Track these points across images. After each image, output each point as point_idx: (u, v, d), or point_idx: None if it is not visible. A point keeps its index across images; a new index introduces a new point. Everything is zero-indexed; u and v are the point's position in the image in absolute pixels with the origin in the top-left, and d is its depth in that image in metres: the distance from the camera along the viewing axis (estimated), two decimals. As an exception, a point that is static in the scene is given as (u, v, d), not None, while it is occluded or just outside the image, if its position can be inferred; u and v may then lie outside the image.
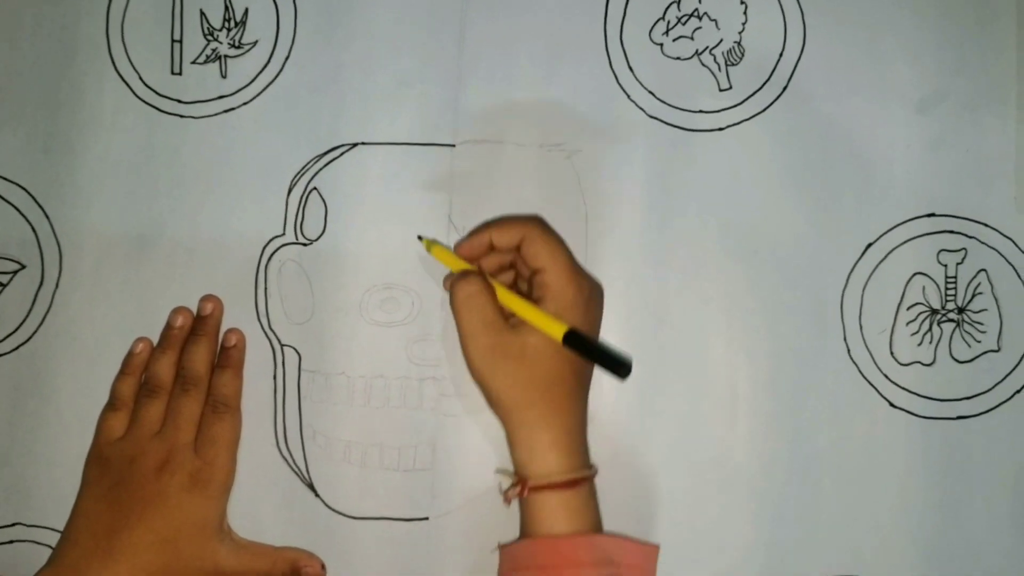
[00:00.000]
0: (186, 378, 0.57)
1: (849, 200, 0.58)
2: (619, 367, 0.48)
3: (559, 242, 0.53)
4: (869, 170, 0.58)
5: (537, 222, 0.54)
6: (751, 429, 0.57)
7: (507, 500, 0.53)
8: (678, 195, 0.58)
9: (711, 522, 0.57)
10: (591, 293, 0.53)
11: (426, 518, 0.57)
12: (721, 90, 0.58)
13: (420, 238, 0.57)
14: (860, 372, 0.57)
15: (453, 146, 0.58)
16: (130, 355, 0.58)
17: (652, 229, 0.58)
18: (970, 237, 0.57)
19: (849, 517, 0.57)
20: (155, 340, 0.58)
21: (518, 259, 0.54)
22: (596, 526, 0.52)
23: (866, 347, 0.57)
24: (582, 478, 0.51)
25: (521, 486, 0.51)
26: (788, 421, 0.57)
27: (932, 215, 0.57)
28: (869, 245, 0.58)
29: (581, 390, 0.53)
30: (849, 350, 0.57)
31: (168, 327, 0.58)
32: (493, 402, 0.53)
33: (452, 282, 0.53)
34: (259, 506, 0.58)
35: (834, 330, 0.57)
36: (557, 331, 0.50)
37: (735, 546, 0.57)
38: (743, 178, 0.58)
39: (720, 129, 0.58)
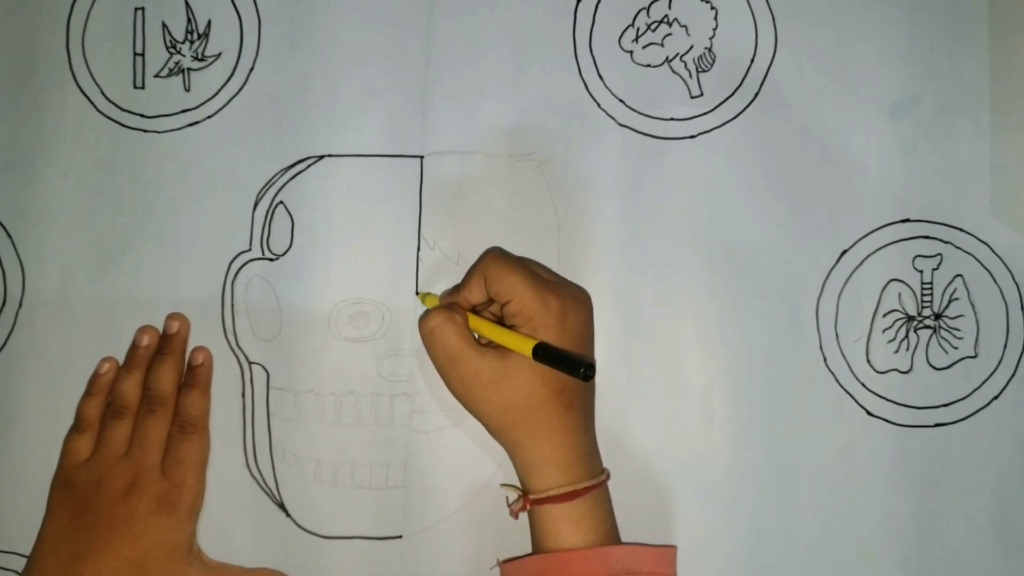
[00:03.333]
0: (152, 398, 0.56)
1: (823, 206, 0.57)
2: (580, 370, 0.48)
3: (517, 268, 0.52)
4: (843, 176, 0.57)
5: (492, 259, 0.53)
6: (727, 439, 0.56)
7: (513, 514, 0.53)
8: (650, 204, 0.57)
9: (686, 533, 0.56)
10: (563, 310, 0.51)
11: (399, 536, 0.56)
12: (692, 97, 0.58)
13: (417, 294, 0.57)
14: (837, 380, 0.57)
15: (421, 157, 0.58)
16: (95, 375, 0.57)
17: (625, 238, 0.57)
18: (945, 242, 0.57)
19: (828, 528, 0.56)
20: (121, 360, 0.57)
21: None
22: (608, 535, 0.51)
23: (842, 355, 0.57)
24: (583, 489, 0.51)
25: (524, 500, 0.51)
26: (764, 431, 0.56)
27: (907, 220, 0.57)
28: (844, 252, 0.57)
29: (572, 403, 0.52)
30: (825, 358, 0.57)
31: (134, 346, 0.57)
32: (483, 425, 0.53)
33: (418, 321, 0.53)
34: (229, 527, 0.57)
35: (810, 338, 0.57)
36: (526, 347, 0.49)
37: (711, 558, 0.56)
38: (716, 186, 0.57)
39: (692, 137, 0.58)
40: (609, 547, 0.51)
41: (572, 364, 0.48)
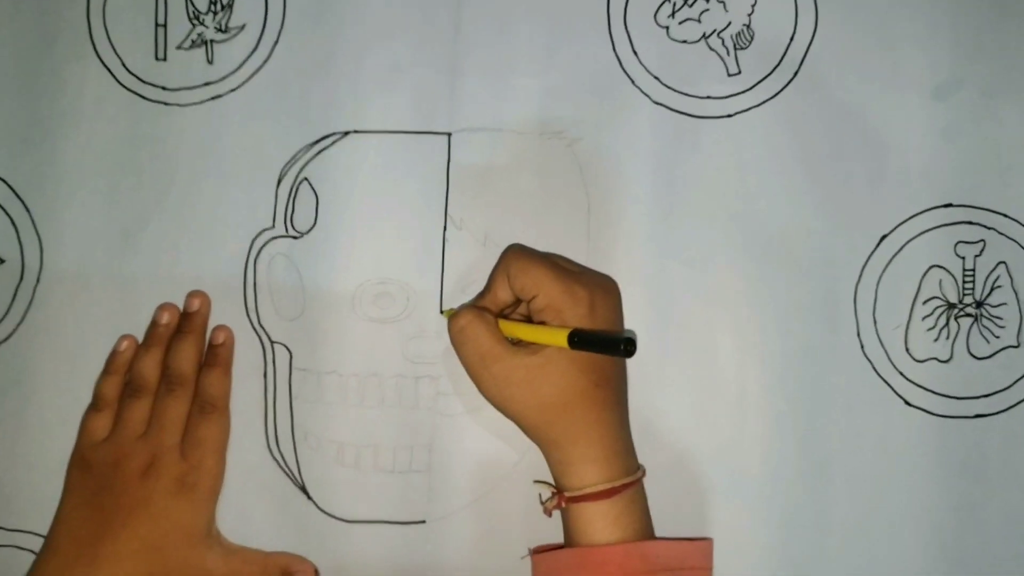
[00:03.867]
0: (172, 377, 0.54)
1: (863, 190, 0.55)
2: (620, 346, 0.46)
3: (540, 261, 0.50)
4: (883, 159, 0.55)
5: (513, 255, 0.51)
6: (760, 430, 0.55)
7: (547, 512, 0.52)
8: (685, 185, 0.56)
9: (718, 526, 0.55)
10: (592, 298, 0.50)
11: (423, 521, 0.55)
12: (730, 75, 0.56)
13: (442, 312, 0.55)
14: (874, 369, 0.55)
15: (449, 134, 0.56)
16: (114, 353, 0.56)
17: (657, 221, 0.56)
18: (988, 228, 0.55)
19: (862, 520, 0.54)
20: (140, 338, 0.56)
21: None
22: (645, 532, 0.50)
23: (880, 343, 0.55)
24: (620, 486, 0.49)
25: (558, 498, 0.50)
26: (799, 421, 0.55)
27: (949, 205, 0.55)
28: (884, 237, 0.55)
29: (608, 398, 0.50)
30: (863, 346, 0.55)
31: (153, 324, 0.56)
32: (517, 424, 0.51)
33: (447, 321, 0.52)
34: (249, 510, 0.55)
35: (847, 325, 0.55)
36: (560, 338, 0.48)
37: (743, 551, 0.55)
38: (752, 167, 0.56)
39: (728, 116, 0.56)
40: (648, 542, 0.50)
41: (611, 343, 0.46)
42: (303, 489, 0.56)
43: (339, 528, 0.55)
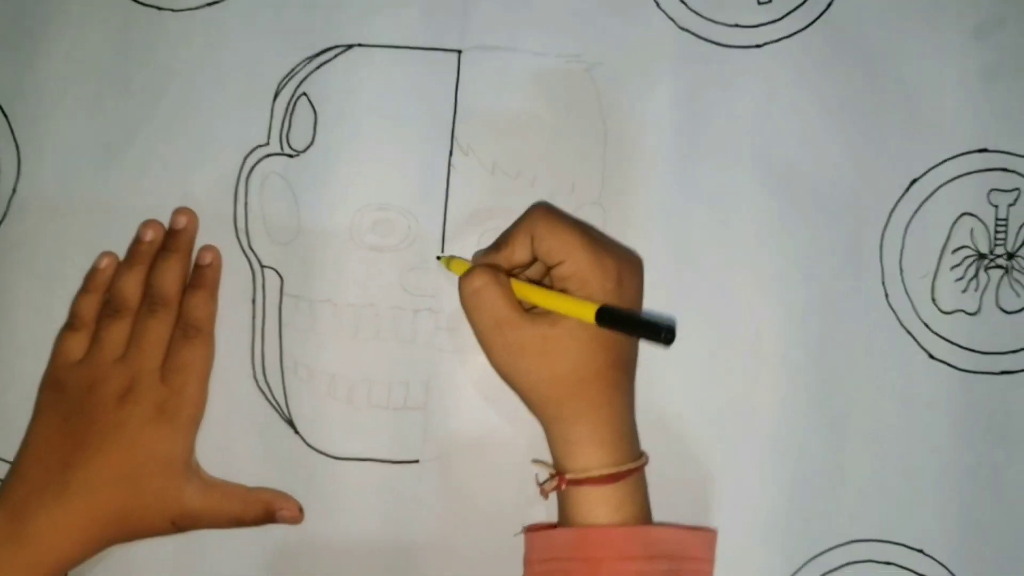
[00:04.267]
0: (154, 298, 0.51)
1: (894, 132, 0.53)
2: (660, 333, 0.43)
3: (570, 226, 0.47)
4: (917, 100, 0.53)
5: (541, 214, 0.48)
6: (775, 381, 0.52)
7: (544, 494, 0.48)
8: (708, 118, 0.53)
9: (728, 478, 0.52)
10: (620, 272, 0.47)
11: (416, 461, 0.52)
12: (760, 3, 0.53)
13: (439, 258, 0.52)
14: (898, 319, 0.52)
15: (459, 52, 0.53)
16: (93, 271, 0.53)
17: (678, 155, 0.52)
18: (1024, 176, 0.52)
19: (878, 477, 0.52)
20: (122, 256, 0.53)
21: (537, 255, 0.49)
22: (644, 519, 0.47)
23: (906, 292, 0.52)
24: (625, 471, 0.46)
25: (558, 480, 0.47)
26: (816, 372, 0.52)
27: (984, 151, 0.52)
28: (914, 181, 0.52)
29: (621, 379, 0.48)
30: (887, 295, 0.52)
31: (136, 241, 0.53)
32: (522, 399, 0.48)
33: (459, 280, 0.48)
34: (232, 442, 0.52)
35: (872, 273, 0.52)
36: (587, 312, 0.45)
37: (755, 507, 0.52)
38: (779, 103, 0.53)
39: (757, 46, 0.53)
40: (650, 527, 0.47)
41: (649, 327, 0.43)
42: (290, 422, 0.52)
43: (327, 465, 0.52)
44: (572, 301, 0.46)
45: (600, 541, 0.46)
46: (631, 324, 0.45)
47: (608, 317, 0.44)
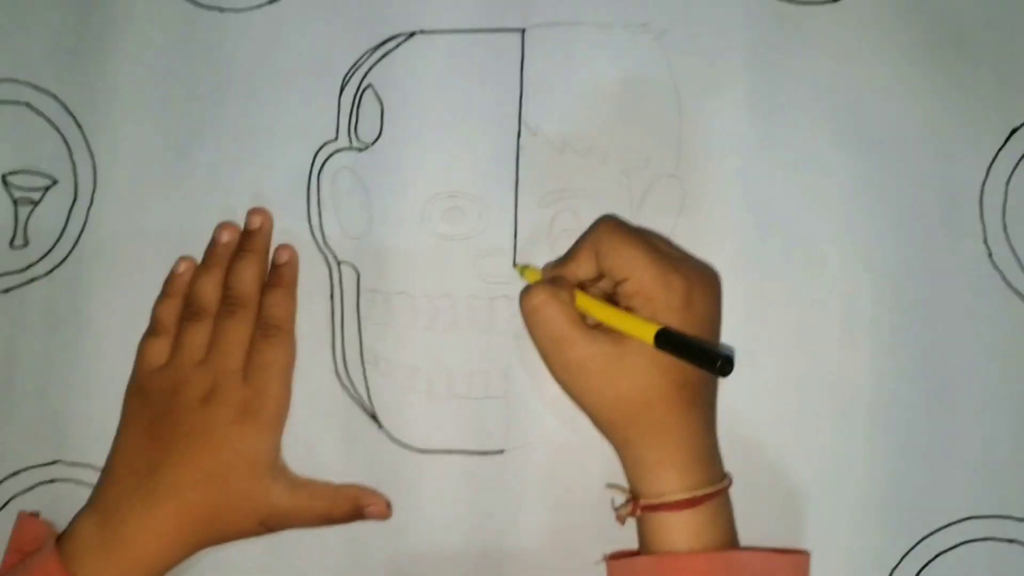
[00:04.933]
0: (233, 299, 0.51)
1: (988, 78, 0.49)
2: (716, 364, 0.41)
3: (636, 241, 0.45)
4: (1012, 44, 0.49)
5: (606, 229, 0.46)
6: (874, 349, 0.49)
7: (620, 520, 0.47)
8: (786, 79, 0.50)
9: (827, 458, 0.49)
10: (689, 290, 0.45)
11: (502, 451, 0.51)
12: (836, -45, 0.51)
13: (515, 266, 0.51)
14: (1004, 279, 0.49)
15: (523, 31, 0.51)
16: (172, 275, 0.53)
17: (757, 119, 0.50)
18: None
19: (990, 453, 0.49)
20: (199, 259, 0.53)
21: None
22: (726, 543, 0.45)
23: (1012, 250, 0.49)
24: (703, 496, 0.44)
25: (633, 505, 0.45)
26: (918, 339, 0.49)
27: (1091, 91, 0.49)
28: (1014, 131, 0.49)
29: (693, 399, 0.45)
30: (991, 254, 0.49)
31: (213, 244, 0.53)
32: (591, 420, 0.47)
33: (520, 296, 0.47)
34: (317, 439, 0.52)
35: (972, 231, 0.49)
36: (647, 333, 0.43)
37: (856, 486, 0.49)
38: (862, 56, 0.50)
39: (834, 1, 0.50)
40: (734, 552, 0.45)
41: (704, 356, 0.41)
42: (374, 417, 0.52)
43: (412, 458, 0.51)
44: (633, 320, 0.44)
45: (680, 568, 0.44)
46: (687, 350, 0.42)
47: (666, 341, 0.42)
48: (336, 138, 0.53)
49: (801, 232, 0.50)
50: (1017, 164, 0.49)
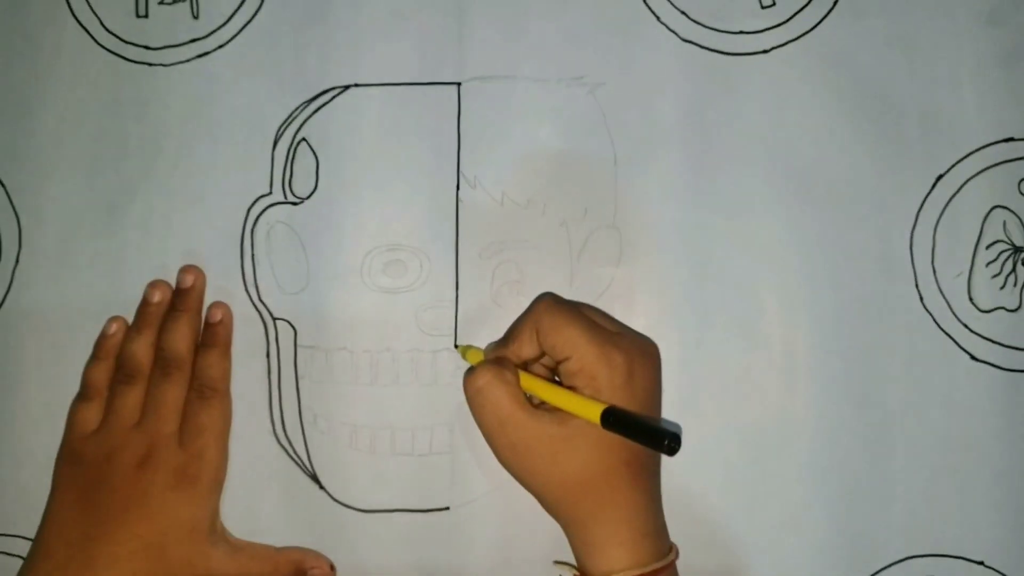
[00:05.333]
0: (167, 360, 0.50)
1: (913, 127, 0.51)
2: (664, 442, 0.40)
3: (575, 319, 0.45)
4: (935, 92, 0.51)
5: (544, 308, 0.46)
6: (812, 393, 0.50)
7: None
8: (720, 130, 0.51)
9: (770, 500, 0.50)
10: (630, 366, 0.45)
11: (447, 508, 0.50)
12: (763, 7, 0.51)
13: (456, 347, 0.50)
14: (935, 322, 0.50)
15: (459, 84, 0.51)
16: (103, 337, 0.51)
17: (691, 170, 0.51)
18: (1055, 163, 0.50)
19: (930, 490, 0.50)
20: (130, 319, 0.52)
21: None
22: None
23: (941, 293, 0.50)
24: (650, 572, 0.44)
25: None
26: (854, 382, 0.50)
27: (1010, 140, 0.50)
28: (939, 177, 0.50)
29: (639, 475, 0.45)
30: (922, 297, 0.50)
31: (144, 304, 0.51)
32: (536, 499, 0.46)
33: (463, 378, 0.46)
34: (256, 502, 0.51)
35: (904, 275, 0.50)
36: (593, 413, 0.43)
37: (798, 526, 0.50)
38: (793, 107, 0.51)
39: (764, 52, 0.51)
40: None
41: (652, 435, 0.41)
42: (314, 477, 0.51)
43: (355, 519, 0.50)
44: (578, 400, 0.44)
45: None
46: (634, 429, 0.42)
47: (613, 420, 0.42)
48: (270, 192, 0.52)
49: (738, 279, 0.51)
50: (943, 210, 0.50)
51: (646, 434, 0.41)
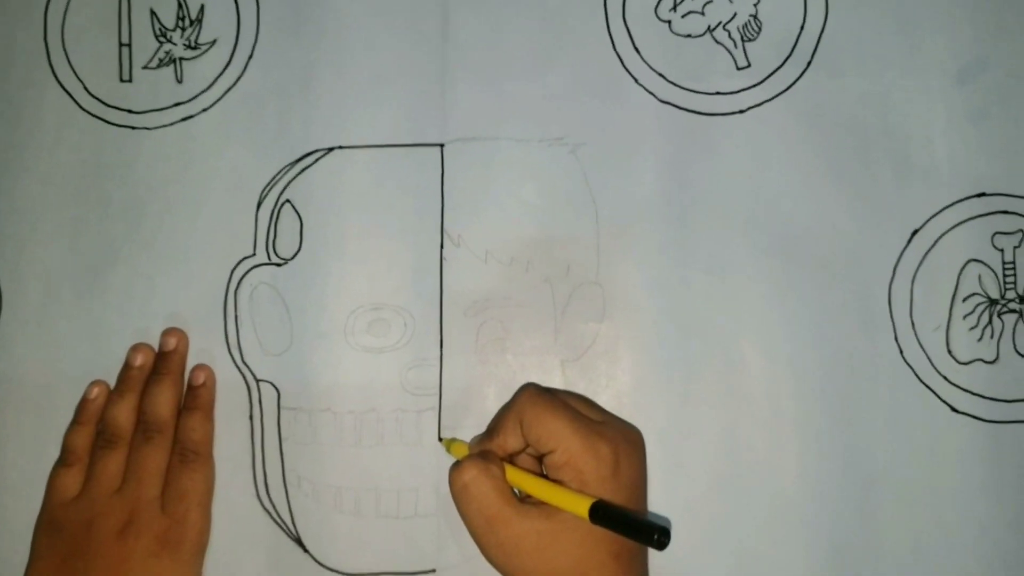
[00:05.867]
0: (148, 424, 0.49)
1: (888, 184, 0.52)
2: (654, 537, 0.40)
3: (558, 410, 0.45)
4: (908, 149, 0.52)
5: (527, 399, 0.46)
6: (798, 448, 0.50)
7: None
8: (698, 188, 0.52)
9: (759, 559, 0.50)
10: (616, 456, 0.44)
11: (433, 571, 0.50)
12: (739, 69, 0.52)
13: (440, 440, 0.50)
14: (916, 375, 0.51)
15: (442, 146, 0.52)
16: (84, 402, 0.51)
17: (672, 227, 0.51)
18: (1026, 217, 0.51)
19: (917, 543, 0.50)
20: (112, 384, 0.51)
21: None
22: None
23: (920, 346, 0.51)
24: None
25: None
26: (839, 437, 0.50)
27: (983, 195, 0.51)
28: (915, 232, 0.51)
29: (632, 565, 0.45)
30: (902, 351, 0.51)
31: (126, 367, 0.51)
32: None
33: (449, 473, 0.46)
34: (240, 567, 0.50)
35: (883, 330, 0.51)
36: (581, 508, 0.42)
37: (787, 583, 0.50)
38: (769, 165, 0.52)
39: (740, 112, 0.52)
40: None
41: (641, 529, 0.41)
42: (298, 541, 0.50)
43: (340, 583, 0.50)
44: (566, 494, 0.43)
45: None
46: (624, 524, 0.42)
47: (602, 515, 0.42)
48: (254, 253, 0.52)
49: (721, 335, 0.51)
50: (920, 263, 0.51)
51: (636, 529, 0.41)
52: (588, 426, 0.45)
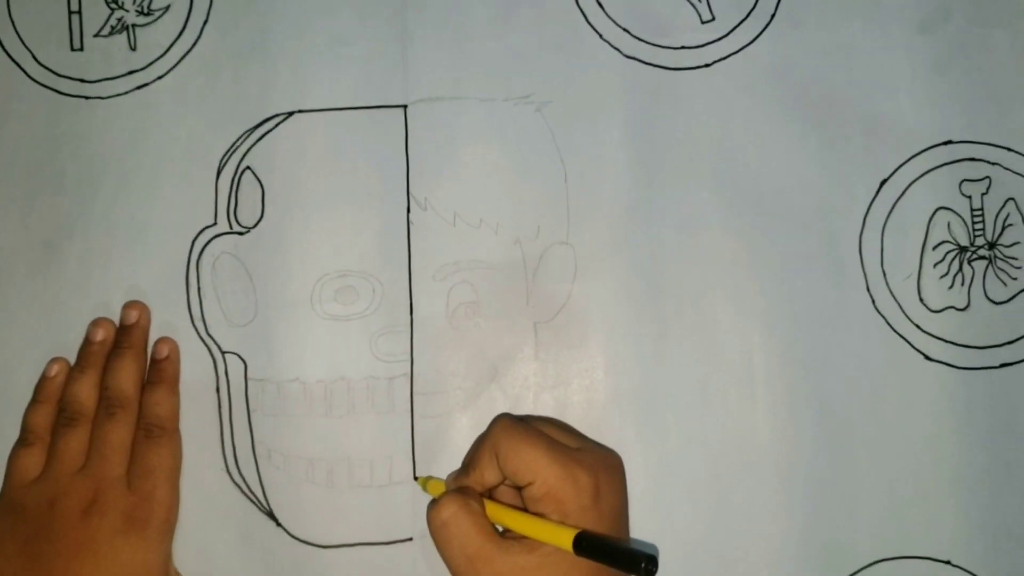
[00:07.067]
0: (111, 400, 0.48)
1: (856, 134, 0.51)
2: (641, 566, 0.39)
3: (534, 440, 0.44)
4: (874, 99, 0.52)
5: (502, 430, 0.45)
6: (772, 403, 0.50)
7: None
8: (665, 143, 0.51)
9: (737, 513, 0.49)
10: (596, 484, 0.43)
11: (410, 539, 0.49)
12: (703, 22, 0.52)
13: (415, 479, 0.49)
14: (889, 324, 0.51)
15: (405, 107, 0.51)
16: (43, 380, 0.49)
17: (640, 184, 0.51)
18: (992, 163, 0.51)
19: (892, 491, 0.50)
20: (72, 360, 0.50)
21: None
22: None
23: (892, 296, 0.51)
24: None
25: None
26: (813, 389, 0.50)
27: (949, 143, 0.51)
28: (883, 181, 0.51)
29: None
30: (874, 301, 0.51)
31: (87, 343, 0.50)
32: None
33: (427, 511, 0.45)
34: (211, 543, 0.49)
35: (855, 280, 0.51)
36: (564, 540, 0.41)
37: (766, 537, 0.49)
38: (737, 118, 0.51)
39: (706, 65, 0.52)
40: None
41: (627, 558, 0.40)
42: (270, 514, 0.49)
43: (315, 555, 0.49)
44: (547, 526, 0.42)
45: None
46: (609, 554, 0.41)
47: (587, 546, 0.41)
48: (215, 223, 0.51)
49: (693, 291, 0.50)
50: (889, 213, 0.51)
51: (622, 558, 0.40)
52: (566, 454, 0.43)
